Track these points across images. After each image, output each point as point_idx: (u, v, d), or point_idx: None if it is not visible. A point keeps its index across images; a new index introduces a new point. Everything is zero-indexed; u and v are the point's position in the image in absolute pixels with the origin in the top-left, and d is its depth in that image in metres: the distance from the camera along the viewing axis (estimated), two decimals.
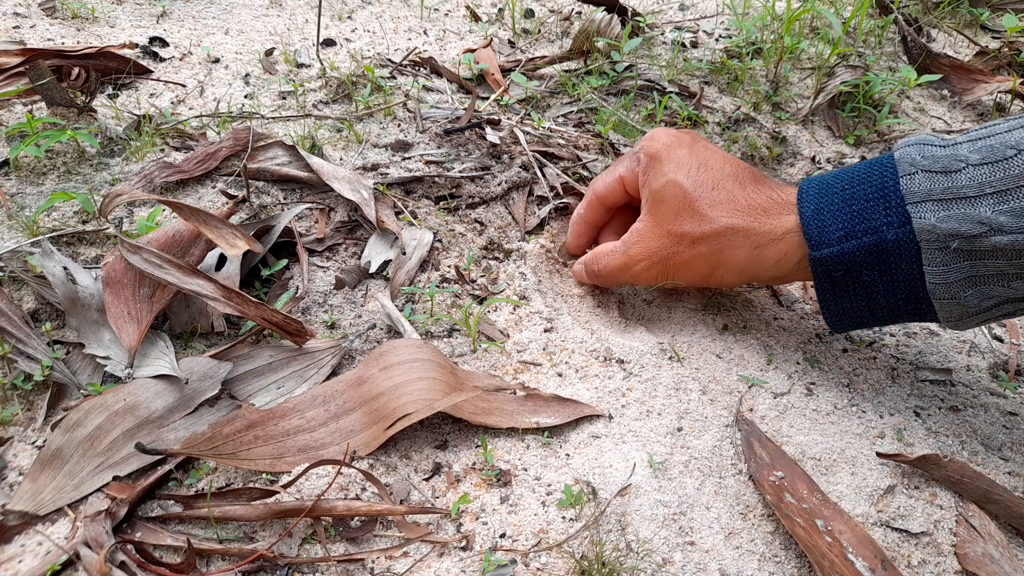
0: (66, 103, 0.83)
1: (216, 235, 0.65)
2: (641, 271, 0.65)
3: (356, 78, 0.95)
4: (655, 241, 0.64)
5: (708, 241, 0.61)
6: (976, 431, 0.61)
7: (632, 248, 0.66)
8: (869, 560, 0.49)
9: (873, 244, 0.54)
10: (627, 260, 0.66)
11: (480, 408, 0.57)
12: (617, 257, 0.67)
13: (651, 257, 0.64)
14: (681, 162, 0.64)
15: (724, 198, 0.62)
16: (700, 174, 0.63)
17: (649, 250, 0.65)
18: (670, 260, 0.64)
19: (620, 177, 0.69)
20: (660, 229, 0.64)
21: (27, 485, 0.51)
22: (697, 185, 0.62)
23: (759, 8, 1.19)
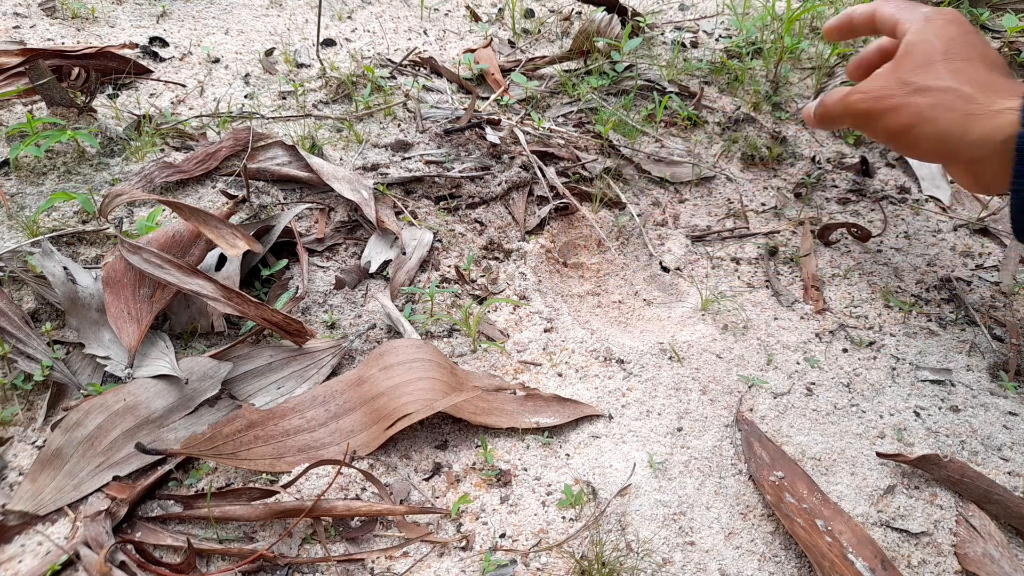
0: (66, 103, 0.83)
1: (216, 235, 0.65)
2: (853, 102, 0.65)
3: (356, 78, 0.95)
4: (882, 80, 0.64)
5: (928, 93, 0.61)
6: (976, 431, 0.61)
7: (862, 84, 0.66)
8: (869, 560, 0.49)
9: None
10: (850, 91, 0.65)
11: (480, 408, 0.57)
12: (842, 90, 0.67)
13: (871, 92, 0.64)
14: (945, 31, 0.64)
15: (966, 68, 0.61)
16: (956, 45, 0.63)
17: (873, 87, 0.64)
18: (884, 99, 0.63)
19: (874, 12, 0.70)
20: (894, 75, 0.63)
21: (27, 485, 0.51)
22: (948, 51, 0.62)
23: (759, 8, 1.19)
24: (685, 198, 0.88)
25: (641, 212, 0.83)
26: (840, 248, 0.82)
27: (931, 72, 0.62)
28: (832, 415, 0.61)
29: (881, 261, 0.80)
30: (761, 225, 0.85)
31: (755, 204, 0.88)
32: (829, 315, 0.72)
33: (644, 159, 0.90)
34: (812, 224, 0.84)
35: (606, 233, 0.80)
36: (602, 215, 0.82)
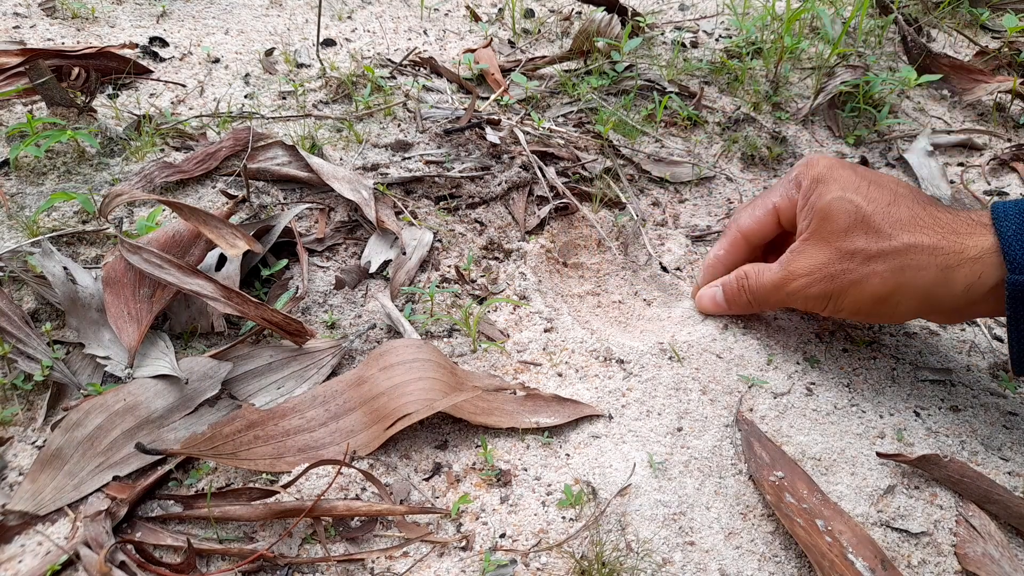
0: (66, 103, 0.83)
1: (216, 235, 0.65)
2: (800, 288, 0.58)
3: (356, 78, 0.95)
4: (820, 256, 0.57)
5: (886, 258, 0.55)
6: (976, 431, 0.61)
7: (793, 264, 0.59)
8: (869, 560, 0.49)
9: None
10: (785, 276, 0.59)
11: (480, 408, 0.57)
12: (772, 274, 0.60)
13: (814, 272, 0.58)
14: (849, 181, 0.58)
15: (905, 215, 0.56)
16: (873, 191, 0.57)
17: (813, 265, 0.58)
18: (838, 277, 0.57)
19: (774, 207, 0.63)
20: (827, 246, 0.57)
21: (27, 485, 0.51)
22: (871, 200, 0.57)
23: (759, 8, 1.19)
24: (685, 198, 0.88)
25: (641, 212, 0.83)
26: None
27: (871, 233, 0.56)
28: (832, 415, 0.61)
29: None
30: None
31: None
32: None
33: (644, 159, 0.90)
34: None
35: (606, 233, 0.80)
36: (602, 215, 0.82)
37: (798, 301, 0.60)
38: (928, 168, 0.94)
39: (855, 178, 0.59)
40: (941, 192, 0.90)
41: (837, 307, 0.59)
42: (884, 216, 0.56)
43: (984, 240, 0.54)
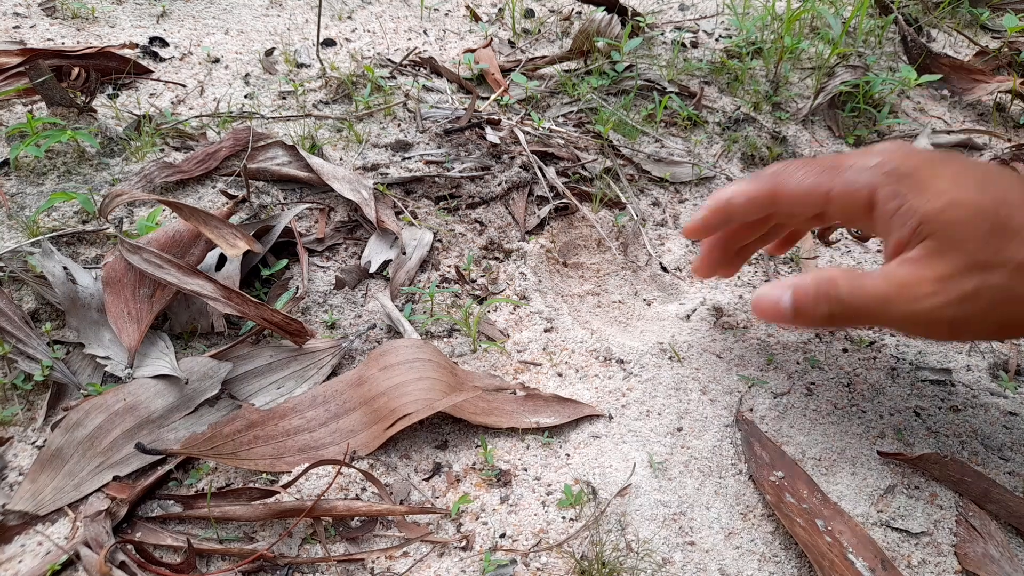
0: (66, 103, 0.83)
1: (216, 235, 0.65)
2: (929, 309, 0.46)
3: (356, 78, 0.95)
4: (945, 269, 0.46)
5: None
6: (976, 431, 0.61)
7: (911, 276, 0.46)
8: (869, 560, 0.49)
9: None
10: (900, 290, 0.46)
11: (480, 408, 0.57)
12: (877, 284, 0.47)
13: (948, 290, 0.45)
14: (958, 177, 0.47)
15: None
16: (992, 188, 0.46)
17: (942, 278, 0.46)
18: (984, 295, 0.45)
19: (828, 194, 0.50)
20: (960, 260, 0.45)
21: (27, 485, 0.51)
22: (999, 201, 0.45)
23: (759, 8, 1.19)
24: (685, 198, 0.88)
25: (641, 212, 0.83)
26: (840, 248, 0.82)
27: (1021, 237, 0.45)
28: (832, 415, 0.61)
29: (880, 262, 0.80)
30: None
31: None
32: None
33: (644, 159, 0.90)
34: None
35: (606, 233, 0.80)
36: (602, 215, 0.82)
37: (915, 323, 0.47)
38: None
39: (963, 173, 0.47)
40: None
41: (978, 331, 0.47)
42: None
43: None
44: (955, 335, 0.48)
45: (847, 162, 0.50)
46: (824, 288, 0.49)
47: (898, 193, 0.47)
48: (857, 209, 0.50)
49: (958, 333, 0.47)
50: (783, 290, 0.51)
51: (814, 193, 0.51)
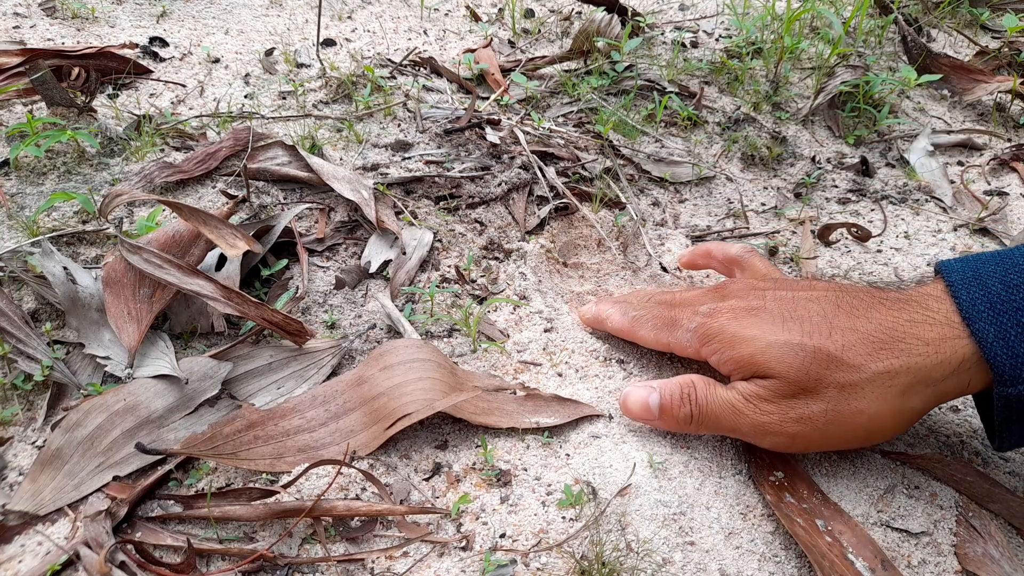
0: (66, 103, 0.83)
1: (216, 235, 0.65)
2: (768, 424, 0.51)
3: (356, 78, 0.95)
4: (783, 394, 0.51)
5: (864, 390, 0.49)
6: (976, 431, 0.60)
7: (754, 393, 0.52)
8: (869, 560, 0.49)
9: None
10: (745, 405, 0.52)
11: (480, 408, 0.57)
12: (728, 394, 0.53)
13: (785, 411, 0.50)
14: (762, 324, 0.52)
15: (854, 339, 0.49)
16: (799, 325, 0.51)
17: (779, 397, 0.51)
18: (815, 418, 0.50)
19: (668, 345, 0.59)
20: (787, 389, 0.50)
21: (27, 485, 0.51)
22: (807, 333, 0.50)
23: (759, 8, 1.19)
24: (685, 198, 0.88)
25: (641, 212, 0.83)
26: (840, 248, 0.82)
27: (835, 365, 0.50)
28: None
29: (881, 261, 0.80)
30: (761, 225, 0.85)
31: (755, 204, 0.88)
32: None
33: (644, 159, 0.90)
34: (812, 224, 0.84)
35: (606, 233, 0.80)
36: (602, 215, 0.82)
37: (763, 434, 0.52)
38: (929, 168, 0.94)
39: (773, 314, 0.52)
40: (943, 192, 0.90)
41: (822, 444, 0.53)
42: (837, 347, 0.49)
43: (961, 347, 0.47)
44: (799, 448, 0.53)
45: (679, 320, 0.58)
46: (686, 391, 0.54)
47: (716, 350, 0.54)
48: (693, 358, 0.59)
49: (801, 446, 0.53)
50: (649, 391, 0.55)
51: (659, 343, 0.60)
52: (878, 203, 0.89)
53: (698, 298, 0.60)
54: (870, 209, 0.88)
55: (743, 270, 0.66)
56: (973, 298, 0.48)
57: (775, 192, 0.90)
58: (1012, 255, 0.49)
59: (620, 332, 0.64)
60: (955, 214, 0.87)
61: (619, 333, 0.65)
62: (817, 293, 0.54)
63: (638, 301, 0.65)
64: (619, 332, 0.64)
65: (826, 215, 0.87)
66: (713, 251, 0.69)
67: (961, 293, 0.48)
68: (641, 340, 0.62)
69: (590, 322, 0.68)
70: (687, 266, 0.72)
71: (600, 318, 0.66)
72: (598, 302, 0.68)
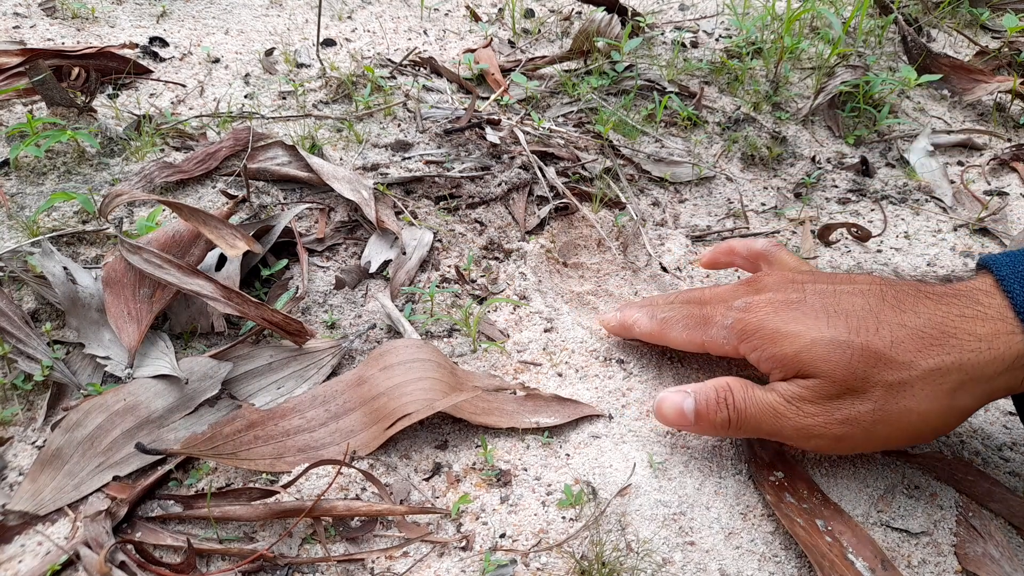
0: (66, 103, 0.83)
1: (216, 235, 0.65)
2: (814, 426, 0.49)
3: (356, 78, 0.95)
4: (828, 394, 0.49)
5: (914, 388, 0.47)
6: (976, 431, 0.60)
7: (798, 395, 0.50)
8: (869, 560, 0.49)
9: None
10: (789, 407, 0.50)
11: (480, 408, 0.57)
12: (768, 397, 0.51)
13: (830, 412, 0.49)
14: (806, 319, 0.50)
15: (903, 334, 0.48)
16: (844, 320, 0.49)
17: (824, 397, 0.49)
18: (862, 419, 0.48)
19: (702, 344, 0.57)
20: (832, 390, 0.49)
21: (27, 485, 0.51)
22: (854, 329, 0.48)
23: (759, 8, 1.19)
24: (685, 198, 0.88)
25: (641, 212, 0.83)
26: (840, 248, 0.82)
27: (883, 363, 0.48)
28: None
29: (881, 261, 0.80)
30: (761, 225, 0.85)
31: (755, 204, 0.88)
32: None
33: (644, 159, 0.90)
34: (812, 224, 0.84)
35: (606, 233, 0.80)
36: (602, 215, 0.82)
37: (807, 437, 0.50)
38: (929, 168, 0.94)
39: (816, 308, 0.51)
40: (942, 191, 0.90)
41: (866, 445, 0.51)
42: (885, 343, 0.48)
43: (1016, 342, 0.46)
44: (844, 450, 0.53)
45: (713, 317, 0.56)
46: (723, 395, 0.52)
47: (756, 347, 0.52)
48: (731, 356, 0.56)
49: (847, 448, 0.52)
50: (684, 396, 0.53)
51: (692, 343, 0.58)
52: (878, 203, 0.89)
53: (730, 293, 0.57)
54: (870, 209, 0.88)
55: (770, 265, 0.62)
56: (1017, 286, 0.46)
57: (775, 192, 0.90)
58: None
59: (650, 337, 0.61)
60: (955, 214, 0.87)
61: (649, 338, 0.61)
62: (860, 287, 0.51)
63: (664, 303, 0.62)
64: (649, 337, 0.61)
65: (826, 215, 0.87)
66: (736, 247, 0.65)
67: (1015, 287, 0.47)
68: (672, 342, 0.59)
69: (615, 330, 0.64)
70: (709, 265, 0.68)
71: (627, 324, 0.62)
72: (622, 308, 0.64)
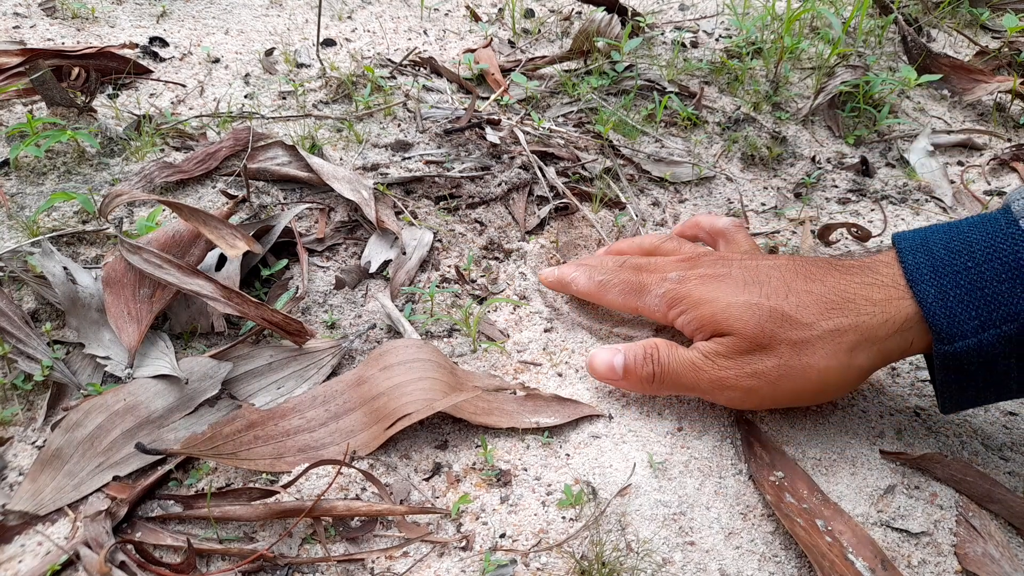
0: (66, 103, 0.83)
1: (216, 235, 0.65)
2: (727, 379, 0.54)
3: (356, 78, 0.95)
4: (740, 349, 0.54)
5: (815, 346, 0.52)
6: (976, 431, 0.60)
7: (713, 351, 0.55)
8: (869, 560, 0.49)
9: (1015, 332, 0.47)
10: (705, 361, 0.55)
11: (480, 408, 0.57)
12: (688, 354, 0.56)
13: (742, 366, 0.54)
14: (727, 287, 0.56)
15: (809, 300, 0.53)
16: (760, 287, 0.55)
17: (735, 352, 0.54)
18: (769, 372, 0.53)
19: (636, 309, 0.62)
20: (743, 345, 0.54)
21: (27, 485, 0.51)
22: (767, 294, 0.54)
23: (759, 8, 1.19)
24: (685, 198, 0.88)
25: (641, 212, 0.83)
26: (840, 248, 0.82)
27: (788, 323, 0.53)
28: (832, 415, 0.61)
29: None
30: (761, 225, 0.85)
31: (755, 204, 0.88)
32: None
33: (644, 159, 0.90)
34: (812, 224, 0.84)
35: (606, 233, 0.80)
36: (602, 215, 0.82)
37: (720, 388, 0.55)
38: (929, 168, 0.94)
39: (738, 278, 0.56)
40: (943, 192, 0.90)
41: (775, 399, 0.56)
42: (792, 306, 0.53)
43: (904, 306, 0.51)
44: (753, 403, 0.57)
45: (648, 285, 0.61)
46: (649, 351, 0.57)
47: (682, 311, 0.58)
48: (660, 322, 0.62)
49: (755, 401, 0.56)
50: (615, 353, 0.59)
51: (626, 307, 0.63)
52: (878, 203, 0.89)
53: (669, 265, 0.62)
54: (870, 209, 0.88)
55: (728, 243, 0.67)
56: (918, 262, 0.51)
57: (775, 192, 0.90)
58: (960, 225, 0.52)
59: (586, 295, 0.66)
60: (955, 214, 0.87)
61: (585, 296, 0.66)
62: (779, 262, 0.57)
63: (602, 267, 0.66)
64: (585, 295, 0.66)
65: (826, 215, 0.87)
66: (702, 223, 0.71)
67: (907, 258, 0.51)
68: (608, 304, 0.64)
69: (553, 284, 0.68)
70: (678, 236, 0.73)
71: (564, 281, 0.67)
72: (561, 265, 0.69)
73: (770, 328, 0.53)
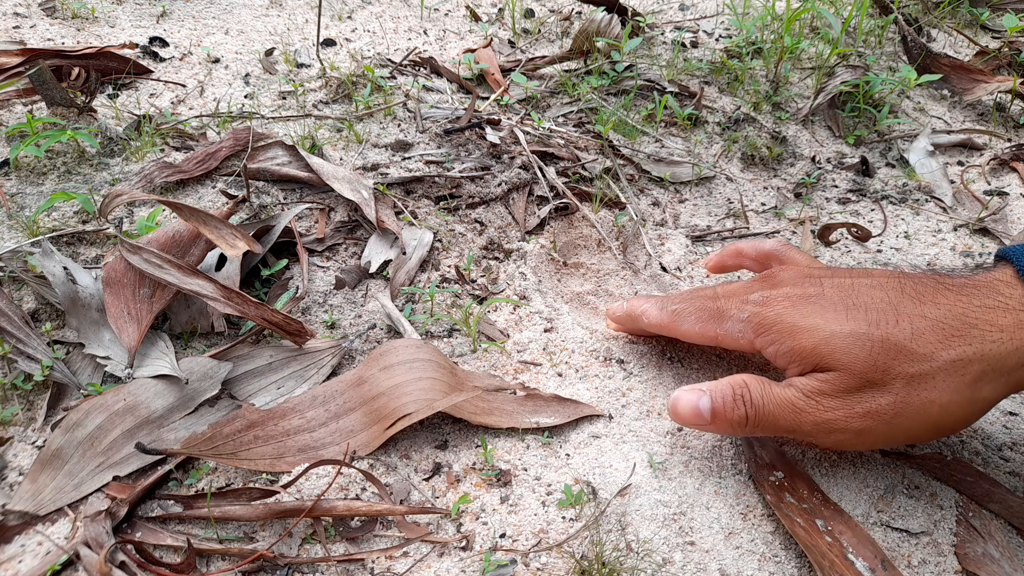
0: (66, 103, 0.83)
1: (216, 235, 0.65)
2: (834, 420, 0.48)
3: (356, 78, 0.95)
4: (848, 387, 0.48)
5: (935, 380, 0.46)
6: (976, 431, 0.60)
7: (817, 390, 0.49)
8: (869, 560, 0.49)
9: None
10: (808, 401, 0.49)
11: (480, 408, 0.57)
12: (786, 392, 0.50)
13: (851, 406, 0.48)
14: (825, 312, 0.49)
15: (923, 325, 0.47)
16: (864, 313, 0.48)
17: (844, 391, 0.48)
18: (883, 412, 0.47)
19: (715, 338, 0.56)
20: (852, 382, 0.48)
21: (27, 485, 0.51)
22: (873, 322, 0.48)
23: (759, 8, 1.19)
24: (685, 198, 0.88)
25: (641, 212, 0.83)
26: (840, 248, 0.82)
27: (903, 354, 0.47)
28: None
29: (881, 261, 0.80)
30: (761, 225, 0.85)
31: (755, 204, 0.88)
32: None
33: (644, 159, 0.90)
34: (812, 224, 0.84)
35: (606, 233, 0.80)
36: (602, 215, 0.82)
37: (827, 432, 0.49)
38: (929, 168, 0.94)
39: (835, 301, 0.50)
40: (943, 192, 0.90)
41: (887, 440, 0.50)
42: (905, 335, 0.47)
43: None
44: (866, 444, 0.51)
45: (728, 311, 0.55)
46: (739, 391, 0.51)
47: (773, 340, 0.51)
48: (745, 351, 0.57)
49: (868, 442, 0.50)
50: (699, 395, 0.51)
51: (704, 336, 0.56)
52: (878, 203, 0.89)
53: (745, 288, 0.56)
54: (870, 209, 0.88)
55: (782, 263, 0.60)
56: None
57: (775, 192, 0.90)
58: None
59: (659, 328, 0.60)
60: (955, 214, 0.87)
61: (658, 329, 0.60)
62: (878, 280, 0.51)
63: (678, 295, 0.61)
64: (658, 328, 0.60)
65: (826, 215, 0.87)
66: (744, 249, 0.64)
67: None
68: (684, 334, 0.58)
69: (621, 319, 0.63)
70: (716, 270, 0.67)
71: (634, 315, 0.61)
72: (629, 299, 0.64)
73: (883, 362, 0.46)
